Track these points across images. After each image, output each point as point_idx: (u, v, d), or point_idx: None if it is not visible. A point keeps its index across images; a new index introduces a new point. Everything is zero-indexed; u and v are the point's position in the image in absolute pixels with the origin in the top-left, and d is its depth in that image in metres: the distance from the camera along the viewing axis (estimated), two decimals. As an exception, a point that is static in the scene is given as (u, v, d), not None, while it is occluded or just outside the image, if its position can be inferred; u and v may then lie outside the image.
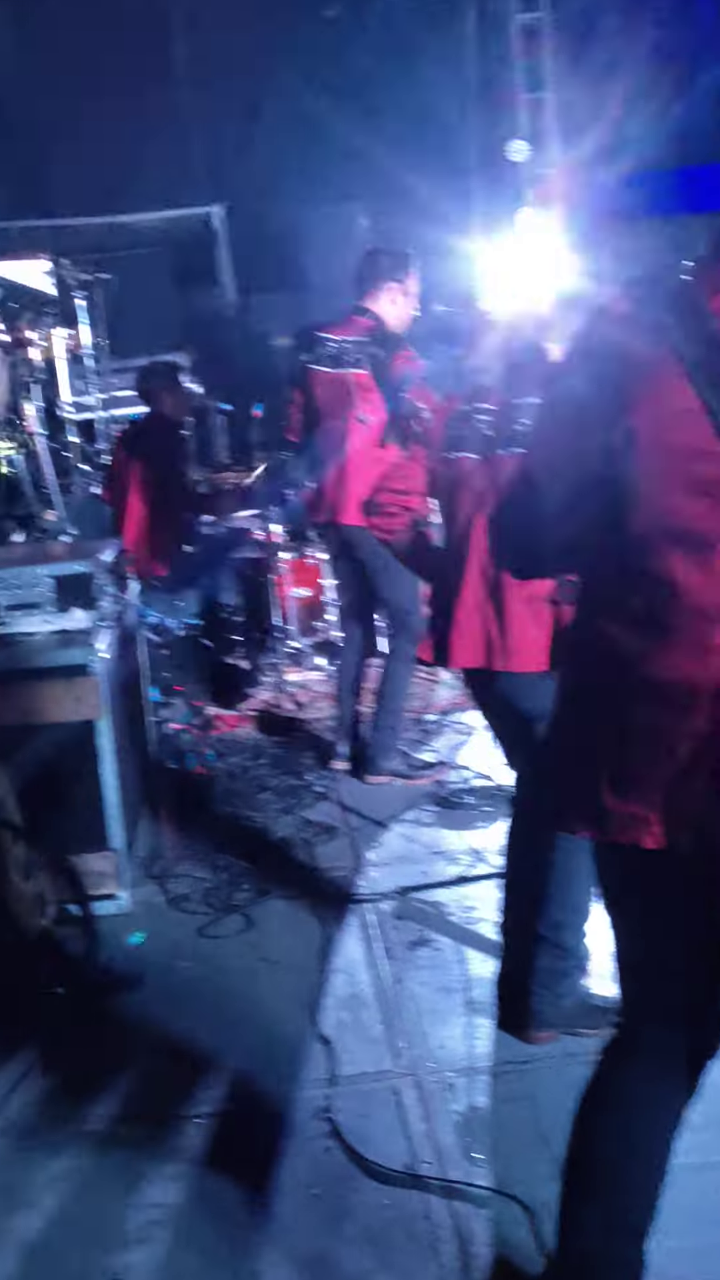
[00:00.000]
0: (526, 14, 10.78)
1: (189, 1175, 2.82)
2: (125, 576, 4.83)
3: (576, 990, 3.21)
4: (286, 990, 3.55)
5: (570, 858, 3.10)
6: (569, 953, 3.16)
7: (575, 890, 3.13)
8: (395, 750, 5.04)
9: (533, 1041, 3.19)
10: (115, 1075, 3.22)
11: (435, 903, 3.99)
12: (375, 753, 5.01)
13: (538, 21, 10.78)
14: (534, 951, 3.19)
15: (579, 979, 3.22)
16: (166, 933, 3.96)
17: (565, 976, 3.18)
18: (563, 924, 3.14)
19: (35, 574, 4.32)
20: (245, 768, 5.19)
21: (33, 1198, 2.76)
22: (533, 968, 3.20)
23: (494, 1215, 2.61)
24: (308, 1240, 2.59)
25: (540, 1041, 3.18)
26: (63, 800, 3.99)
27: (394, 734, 5.04)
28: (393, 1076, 3.11)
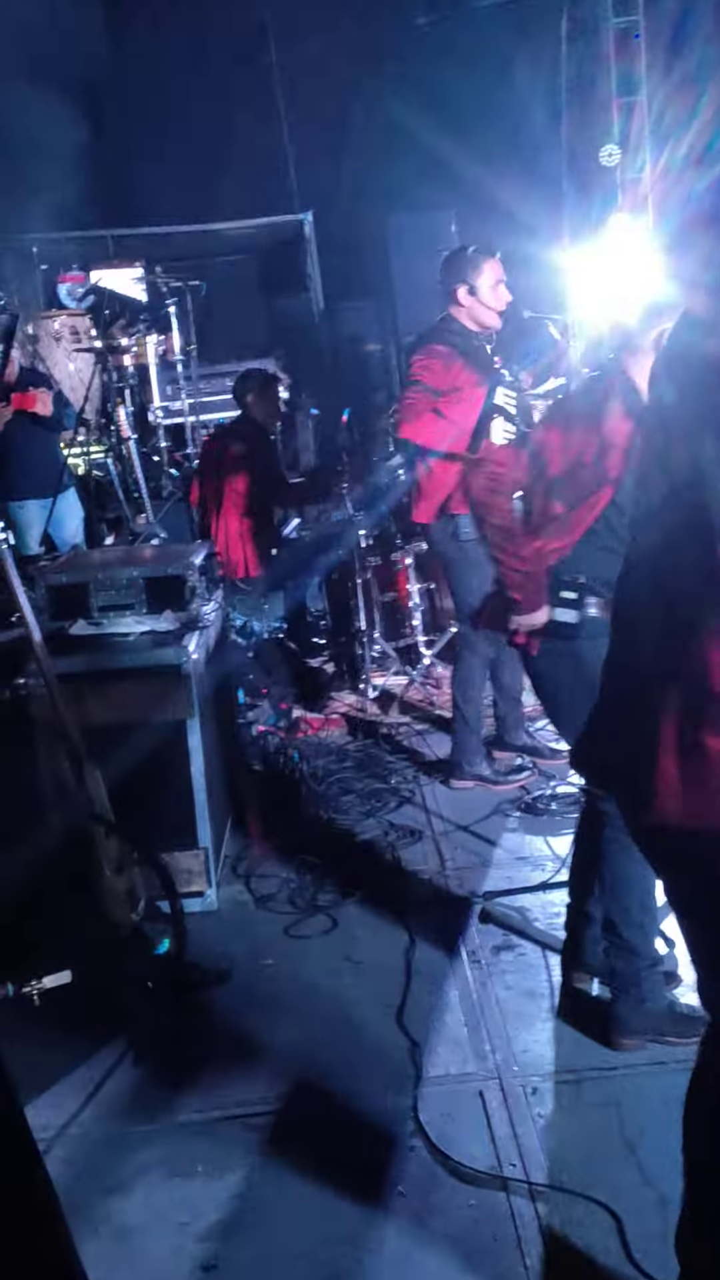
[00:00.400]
0: (621, 18, 10.74)
1: (276, 1169, 2.86)
2: (215, 579, 4.90)
3: (660, 995, 3.20)
4: (372, 991, 3.58)
5: (628, 854, 3.10)
6: (637, 954, 3.16)
7: (633, 889, 3.14)
8: (479, 753, 5.05)
9: (618, 1048, 3.18)
10: (203, 1069, 3.27)
11: (520, 908, 3.99)
12: (459, 756, 5.03)
13: (632, 24, 10.73)
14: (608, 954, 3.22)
15: (659, 983, 3.21)
16: (253, 931, 4.01)
17: (640, 980, 3.16)
18: (622, 924, 3.15)
19: (128, 575, 4.42)
20: (330, 770, 5.23)
21: (124, 1183, 2.82)
22: (611, 971, 3.22)
23: (580, 1219, 2.62)
24: (394, 1237, 2.62)
25: (626, 1048, 3.18)
26: (153, 798, 4.06)
27: (476, 735, 5.05)
28: (478, 1079, 3.13)
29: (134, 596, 4.36)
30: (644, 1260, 2.48)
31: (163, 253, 10.45)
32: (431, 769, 5.26)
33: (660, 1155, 2.78)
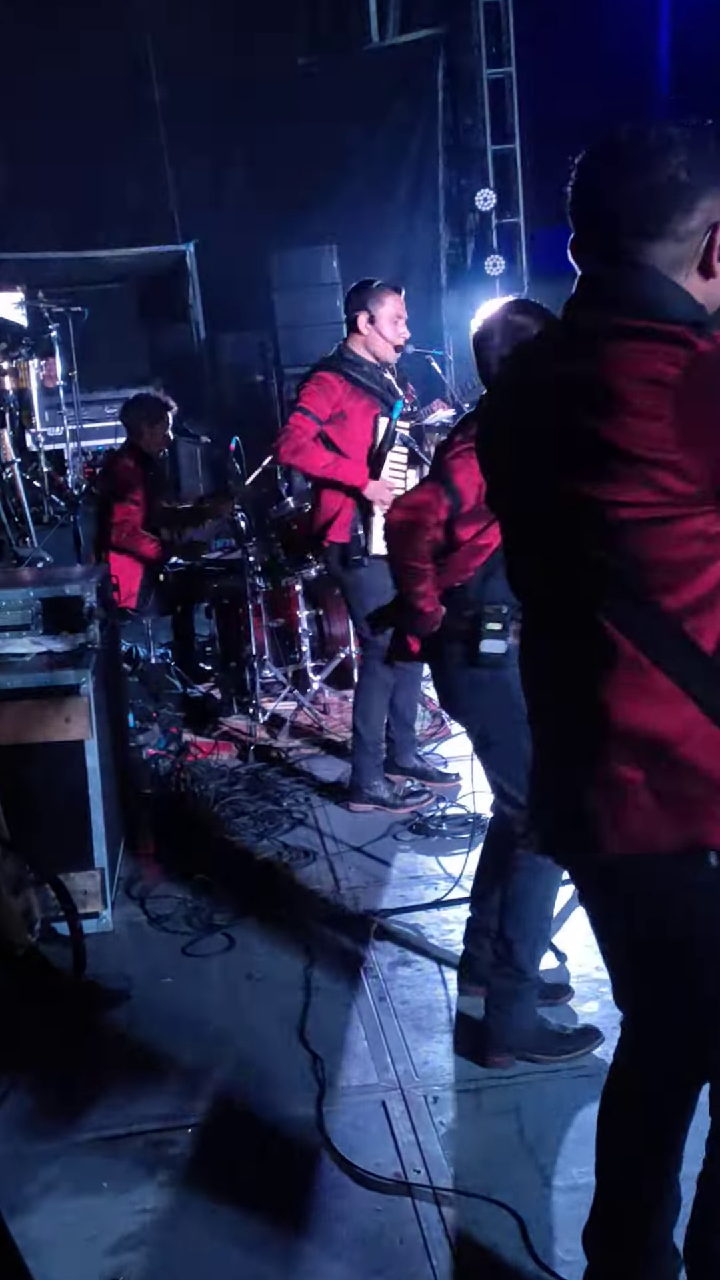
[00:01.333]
0: (495, 69, 11.10)
1: (181, 1182, 2.88)
2: (110, 602, 4.91)
3: (531, 1015, 3.27)
4: (272, 1007, 3.62)
5: (533, 874, 3.21)
6: (524, 974, 3.23)
7: (532, 910, 3.23)
8: (379, 777, 5.13)
9: (487, 1064, 3.23)
10: (106, 1087, 3.27)
11: (414, 925, 4.07)
12: (359, 780, 5.10)
13: (505, 76, 11.11)
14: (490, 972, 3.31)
15: (533, 1002, 3.27)
16: (150, 951, 4.02)
17: (518, 998, 3.23)
18: (517, 942, 3.22)
19: (25, 596, 4.40)
20: (222, 793, 5.25)
21: (29, 1201, 2.81)
22: (489, 989, 3.31)
23: (484, 1222, 2.69)
24: (302, 1244, 2.66)
25: (495, 1065, 3.23)
26: (48, 819, 4.04)
27: (375, 759, 5.14)
28: (380, 1090, 3.19)
29: (30, 617, 4.35)
30: (545, 1255, 2.56)
31: (42, 278, 10.41)
32: (323, 791, 5.32)
33: (559, 1157, 2.88)
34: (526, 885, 3.23)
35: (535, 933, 3.24)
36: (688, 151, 1.84)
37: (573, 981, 3.62)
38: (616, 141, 1.89)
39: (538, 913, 3.25)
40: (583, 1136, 2.88)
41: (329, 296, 10.59)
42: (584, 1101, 3.01)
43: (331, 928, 4.10)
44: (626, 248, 1.87)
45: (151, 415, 6.60)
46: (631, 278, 1.89)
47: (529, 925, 3.23)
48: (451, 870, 4.39)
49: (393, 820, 4.95)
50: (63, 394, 9.49)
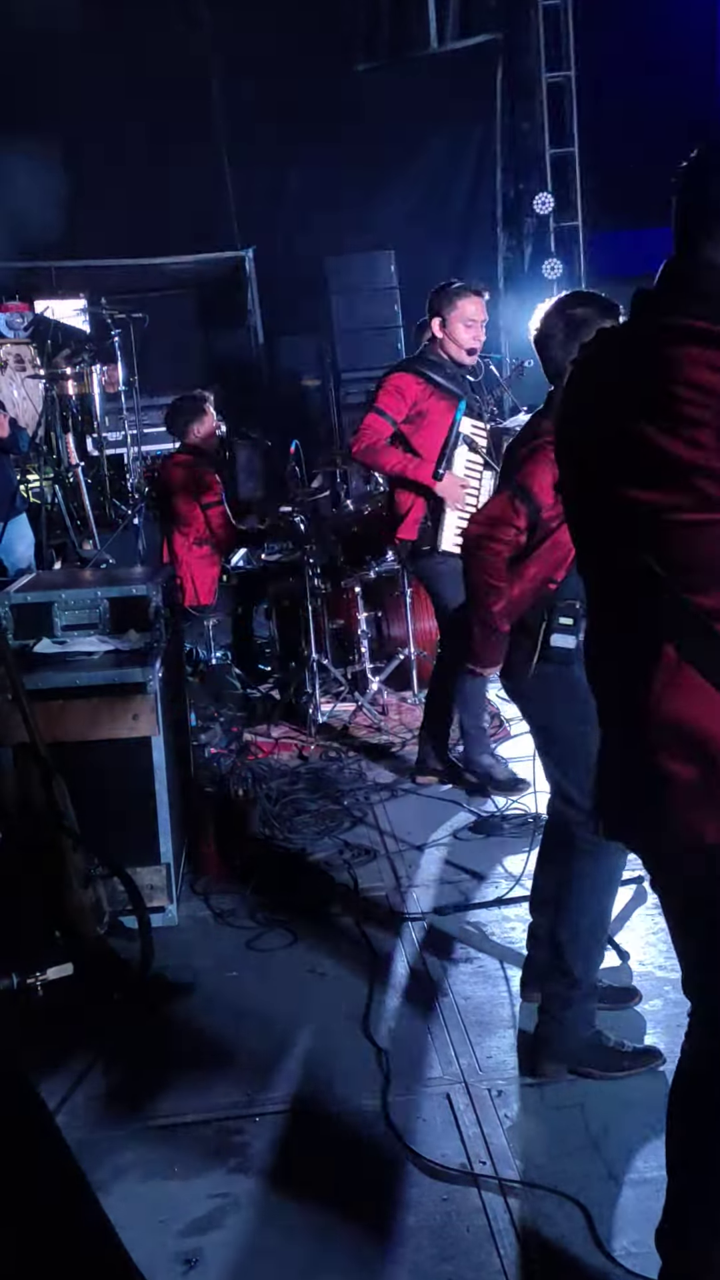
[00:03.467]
0: (554, 73, 11.11)
1: (250, 1169, 2.93)
2: (175, 602, 4.98)
3: (587, 1025, 3.21)
4: (336, 1001, 3.66)
5: (581, 879, 3.21)
6: (576, 981, 3.18)
7: (588, 916, 3.20)
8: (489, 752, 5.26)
9: (538, 1074, 3.19)
10: (174, 1076, 3.33)
11: (476, 922, 4.10)
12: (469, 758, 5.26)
13: (565, 79, 11.11)
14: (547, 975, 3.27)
15: (589, 1013, 3.22)
16: (214, 946, 4.08)
17: (570, 1005, 3.19)
18: (569, 948, 3.18)
19: (92, 596, 4.49)
20: (283, 792, 5.31)
21: (101, 1184, 2.85)
22: (545, 993, 3.27)
23: (549, 1212, 2.71)
24: (370, 1230, 2.70)
25: (544, 1076, 3.18)
26: (116, 814, 4.11)
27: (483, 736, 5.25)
28: (444, 1083, 3.22)
29: (98, 616, 4.43)
30: (612, 1248, 2.58)
31: (103, 285, 10.55)
32: (382, 790, 5.36)
33: (624, 1151, 2.90)
34: (577, 886, 3.21)
35: (588, 935, 3.19)
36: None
37: (636, 980, 3.63)
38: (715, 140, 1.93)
39: (590, 915, 3.20)
40: (649, 1130, 2.89)
41: (386, 301, 10.66)
42: (650, 1096, 3.02)
43: (393, 924, 4.13)
44: (703, 245, 1.90)
45: (193, 413, 6.63)
46: (704, 276, 1.92)
47: (580, 927, 3.19)
48: (513, 869, 4.41)
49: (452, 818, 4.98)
50: (124, 399, 9.61)
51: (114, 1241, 1.84)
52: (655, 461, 1.85)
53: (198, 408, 6.69)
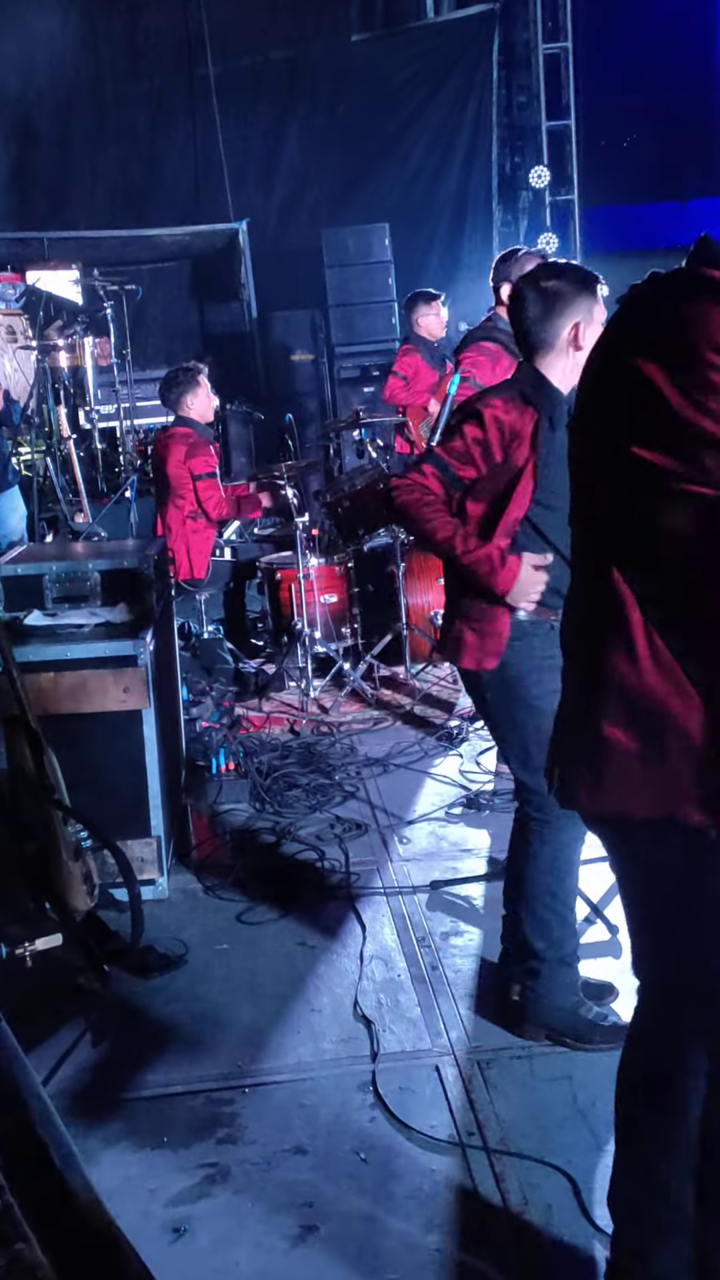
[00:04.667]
0: (551, 44, 11.03)
1: (240, 1139, 2.94)
2: (167, 575, 4.97)
3: (563, 994, 3.26)
4: (326, 973, 3.67)
5: (533, 859, 3.27)
6: (534, 953, 3.25)
7: (535, 890, 3.26)
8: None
9: (524, 1036, 3.27)
10: (163, 1047, 3.34)
11: (466, 896, 4.11)
12: None
13: (562, 51, 11.03)
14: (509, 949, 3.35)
15: (561, 981, 3.26)
16: (205, 918, 4.08)
17: (535, 976, 3.25)
18: (523, 922, 3.26)
19: (84, 568, 4.47)
20: (275, 766, 5.31)
21: (91, 1154, 2.87)
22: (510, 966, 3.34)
23: (537, 1182, 2.73)
24: (359, 1200, 2.71)
25: (529, 1036, 3.26)
26: (106, 787, 4.11)
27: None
28: (433, 1055, 3.23)
29: (89, 589, 4.42)
30: (598, 1217, 2.60)
31: (96, 257, 10.48)
32: (374, 765, 5.36)
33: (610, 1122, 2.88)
34: (528, 865, 3.28)
35: (543, 910, 3.25)
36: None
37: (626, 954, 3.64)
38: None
39: (540, 890, 3.26)
40: (635, 1103, 2.90)
41: (380, 274, 10.61)
42: (636, 1069, 3.04)
43: (384, 897, 4.14)
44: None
45: (187, 385, 6.59)
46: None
47: (535, 903, 3.25)
48: (503, 844, 4.39)
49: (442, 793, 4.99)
50: (116, 372, 9.56)
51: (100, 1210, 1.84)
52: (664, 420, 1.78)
53: (191, 379, 6.64)
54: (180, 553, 6.32)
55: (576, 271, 3.15)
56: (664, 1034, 2.16)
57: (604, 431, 1.91)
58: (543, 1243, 2.57)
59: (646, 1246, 2.16)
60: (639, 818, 1.93)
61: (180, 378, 6.68)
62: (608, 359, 1.92)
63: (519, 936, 3.29)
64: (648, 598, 1.89)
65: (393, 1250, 2.56)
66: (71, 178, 11.11)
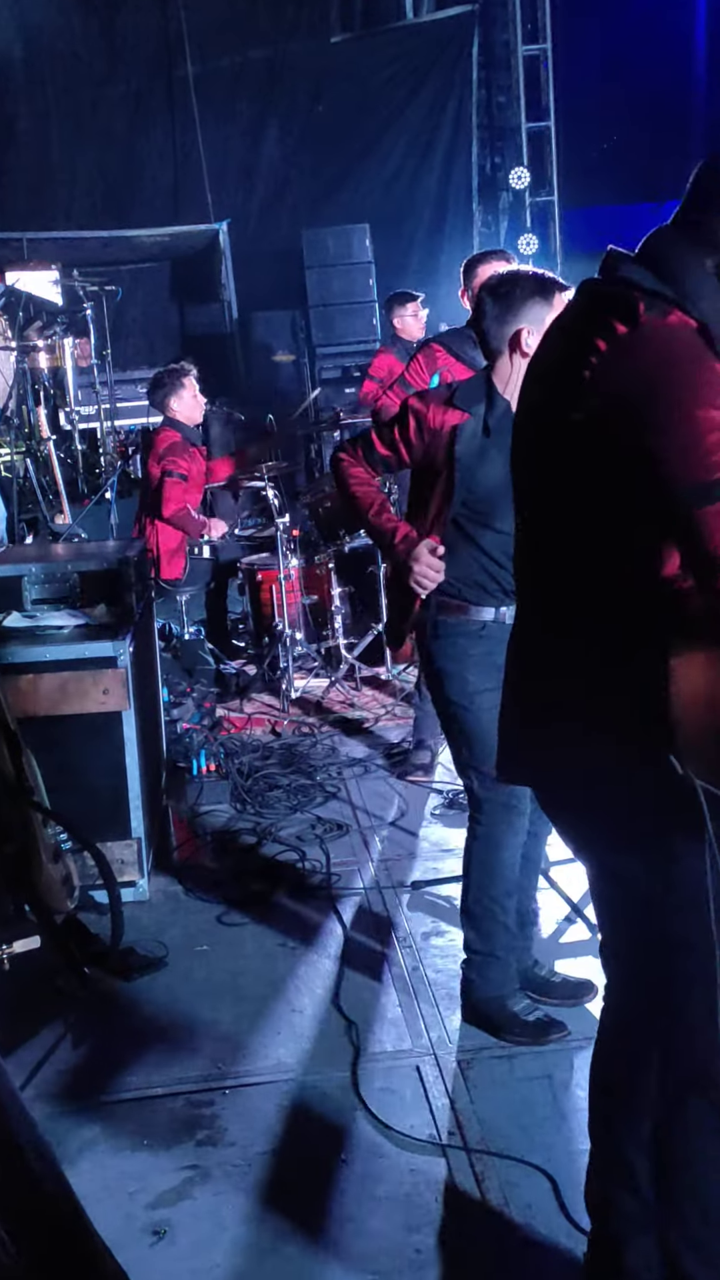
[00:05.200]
0: (530, 45, 11.05)
1: (221, 1141, 2.93)
2: (147, 576, 4.95)
3: (488, 986, 3.31)
4: (307, 974, 3.67)
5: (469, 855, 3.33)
6: (467, 943, 3.34)
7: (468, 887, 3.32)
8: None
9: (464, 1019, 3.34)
10: (144, 1049, 3.33)
11: (447, 896, 4.11)
12: None
13: (541, 53, 11.05)
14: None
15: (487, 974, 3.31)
16: (185, 920, 4.07)
17: (470, 965, 3.34)
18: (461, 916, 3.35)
19: (63, 569, 4.46)
20: (256, 767, 5.30)
21: (70, 1157, 2.86)
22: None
23: (517, 1181, 2.73)
24: (339, 1201, 2.71)
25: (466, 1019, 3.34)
26: (86, 788, 4.09)
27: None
28: (414, 1055, 3.23)
29: (69, 590, 4.40)
30: (578, 1215, 2.59)
31: (76, 257, 10.45)
32: (355, 766, 5.36)
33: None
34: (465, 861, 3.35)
35: (473, 903, 3.30)
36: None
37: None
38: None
39: (475, 884, 3.30)
40: (615, 1102, 2.91)
41: (361, 275, 10.62)
42: (616, 1068, 3.04)
43: (364, 898, 4.14)
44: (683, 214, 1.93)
45: (171, 386, 6.58)
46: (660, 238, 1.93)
47: (468, 896, 3.31)
48: (484, 843, 4.41)
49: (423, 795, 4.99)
50: (96, 373, 9.53)
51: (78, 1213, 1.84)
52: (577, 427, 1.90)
53: (175, 381, 6.64)
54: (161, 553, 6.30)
55: (531, 279, 3.16)
56: (624, 1031, 2.17)
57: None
58: (523, 1241, 2.57)
59: (619, 1242, 2.17)
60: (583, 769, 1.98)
61: (165, 379, 6.68)
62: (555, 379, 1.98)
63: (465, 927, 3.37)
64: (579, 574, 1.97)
65: (373, 1251, 2.56)
66: (51, 178, 11.08)
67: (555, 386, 1.91)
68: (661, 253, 1.89)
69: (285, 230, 11.14)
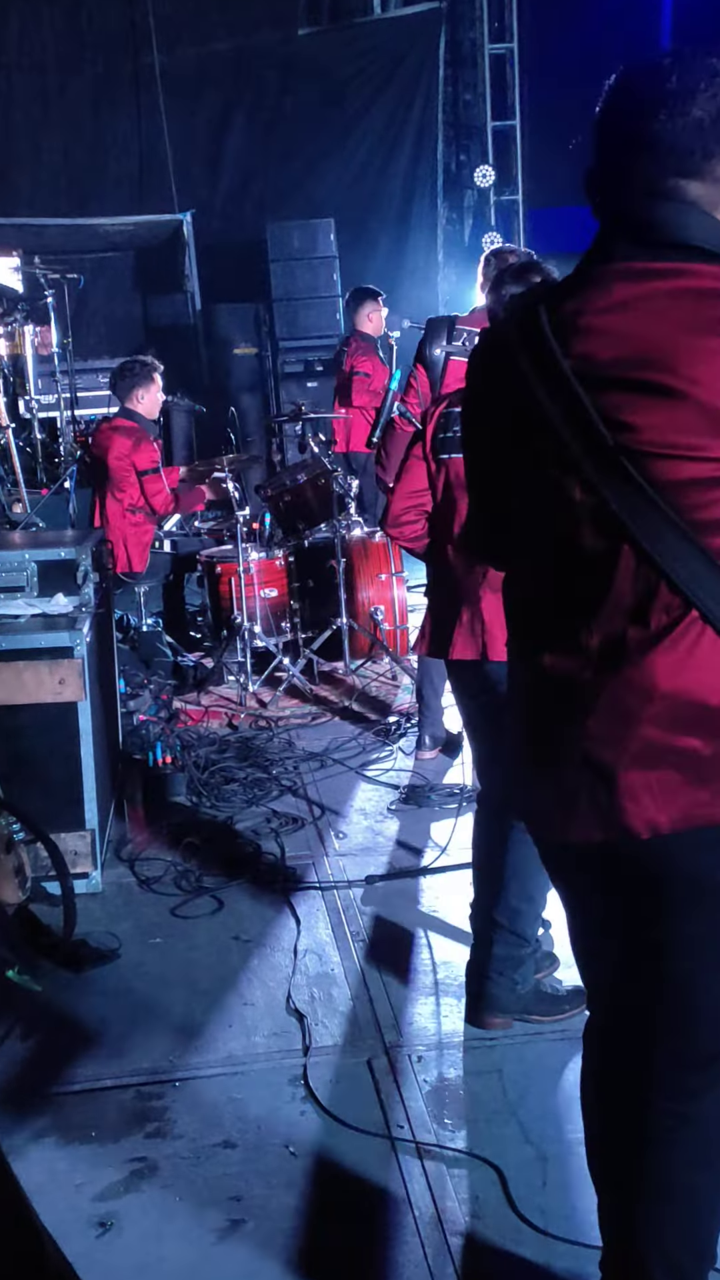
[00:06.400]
0: (497, 44, 11.08)
1: (169, 1134, 2.92)
2: (105, 567, 4.93)
3: (531, 978, 3.33)
4: (259, 967, 3.67)
5: (527, 845, 3.25)
6: (526, 940, 3.29)
7: (531, 878, 3.24)
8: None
9: (486, 1026, 3.28)
10: (94, 1041, 3.32)
11: (401, 891, 4.12)
12: None
13: (507, 51, 11.08)
14: (493, 939, 3.33)
15: (533, 967, 3.34)
16: (139, 912, 4.06)
17: (521, 964, 3.29)
18: (520, 912, 3.26)
19: (20, 559, 4.42)
20: (212, 760, 5.29)
21: (18, 1149, 2.84)
22: (491, 955, 3.32)
23: (466, 1175, 2.74)
24: (286, 1195, 2.71)
25: (494, 1027, 3.28)
26: (40, 779, 4.07)
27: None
28: (364, 1049, 3.24)
29: (25, 579, 4.37)
30: (524, 1208, 2.62)
31: (37, 244, 10.36)
32: (312, 760, 5.36)
33: (539, 1116, 2.93)
34: (526, 853, 3.26)
35: (541, 899, 3.27)
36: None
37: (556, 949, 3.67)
38: (658, 68, 1.76)
39: (540, 878, 3.22)
40: (563, 1097, 2.94)
41: (325, 269, 10.61)
42: (564, 1062, 3.07)
43: (319, 892, 4.14)
44: (663, 184, 1.75)
45: (141, 378, 6.57)
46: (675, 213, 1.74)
47: (534, 890, 3.25)
48: (439, 839, 4.44)
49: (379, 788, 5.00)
50: (57, 361, 9.45)
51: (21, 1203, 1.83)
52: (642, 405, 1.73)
53: (147, 374, 6.62)
54: (119, 545, 6.29)
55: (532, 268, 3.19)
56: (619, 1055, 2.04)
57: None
58: (469, 1235, 2.58)
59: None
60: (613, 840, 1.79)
61: (136, 369, 6.66)
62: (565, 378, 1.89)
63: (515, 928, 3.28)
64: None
65: (320, 1244, 2.56)
66: (13, 164, 10.99)
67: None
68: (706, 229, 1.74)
69: (249, 222, 11.10)
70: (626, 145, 1.79)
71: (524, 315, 1.81)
